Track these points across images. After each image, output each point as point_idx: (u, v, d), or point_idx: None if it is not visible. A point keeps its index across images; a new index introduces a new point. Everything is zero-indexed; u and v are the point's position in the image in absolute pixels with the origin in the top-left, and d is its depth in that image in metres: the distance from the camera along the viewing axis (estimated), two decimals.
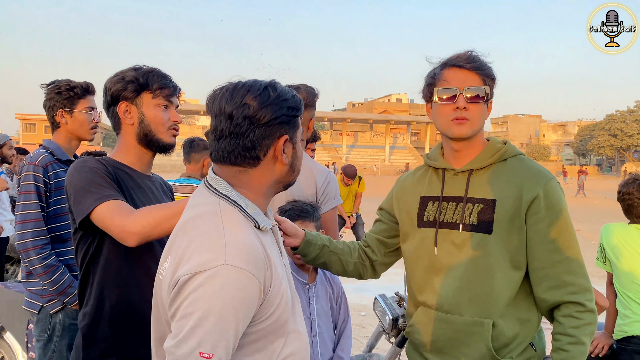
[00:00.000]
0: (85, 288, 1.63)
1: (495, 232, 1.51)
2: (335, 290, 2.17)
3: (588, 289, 1.50)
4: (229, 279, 1.04)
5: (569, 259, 1.50)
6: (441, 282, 1.58)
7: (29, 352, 3.00)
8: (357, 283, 6.95)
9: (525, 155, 1.66)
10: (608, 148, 62.20)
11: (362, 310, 5.68)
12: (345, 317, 2.18)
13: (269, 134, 1.16)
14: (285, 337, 1.21)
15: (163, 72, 1.74)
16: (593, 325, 1.48)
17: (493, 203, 1.52)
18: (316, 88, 2.42)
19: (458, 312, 1.54)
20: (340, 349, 2.10)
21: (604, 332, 2.73)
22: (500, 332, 1.51)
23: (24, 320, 3.00)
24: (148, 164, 1.78)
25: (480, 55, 1.58)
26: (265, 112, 1.15)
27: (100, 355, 1.58)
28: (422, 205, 1.66)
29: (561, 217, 1.51)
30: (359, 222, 7.84)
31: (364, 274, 1.87)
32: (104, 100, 1.72)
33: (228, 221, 1.13)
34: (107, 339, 1.58)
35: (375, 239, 1.86)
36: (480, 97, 1.54)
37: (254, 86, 1.18)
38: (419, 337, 1.66)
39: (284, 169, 1.22)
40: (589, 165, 67.24)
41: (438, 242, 1.60)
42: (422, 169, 1.77)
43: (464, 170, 1.59)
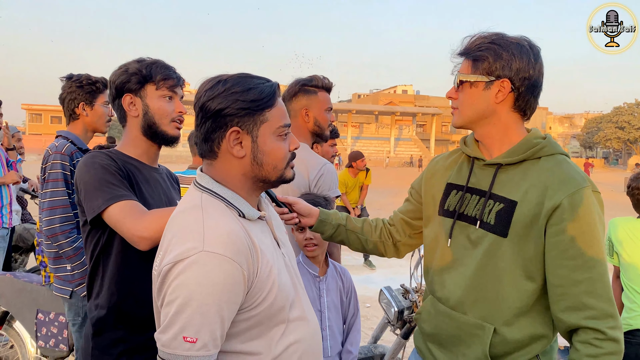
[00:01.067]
0: (95, 280, 1.65)
1: (510, 236, 1.39)
2: (346, 284, 2.18)
3: (611, 315, 1.32)
4: (208, 264, 1.08)
5: (592, 279, 1.32)
6: (450, 277, 1.53)
7: (38, 341, 3.04)
8: (362, 275, 6.97)
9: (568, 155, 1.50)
10: (615, 141, 61.71)
11: (367, 302, 5.69)
12: (355, 311, 2.19)
13: (218, 126, 1.19)
14: (284, 324, 1.23)
15: (166, 63, 1.74)
16: (615, 356, 1.30)
17: (513, 205, 1.39)
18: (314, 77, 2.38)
19: (462, 310, 1.49)
20: (350, 343, 2.12)
21: None
22: (502, 340, 1.42)
23: (33, 309, 3.04)
24: (154, 156, 1.79)
25: (480, 35, 1.45)
26: (212, 103, 1.18)
27: (109, 344, 1.59)
28: (447, 193, 1.59)
29: (588, 231, 1.33)
30: (363, 214, 7.84)
31: (385, 252, 1.84)
32: (109, 93, 1.74)
33: (208, 212, 1.17)
34: (117, 329, 1.60)
35: (400, 218, 1.81)
36: (466, 82, 1.45)
37: (212, 79, 1.22)
38: (425, 326, 1.64)
39: (243, 162, 1.22)
40: (596, 158, 66.79)
41: (453, 234, 1.53)
42: (457, 153, 1.67)
43: (493, 163, 1.47)
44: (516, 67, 1.40)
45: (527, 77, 1.41)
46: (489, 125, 1.48)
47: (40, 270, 4.74)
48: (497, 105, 1.44)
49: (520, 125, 1.50)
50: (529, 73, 1.41)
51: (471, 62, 1.45)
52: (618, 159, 70.57)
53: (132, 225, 1.49)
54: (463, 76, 1.46)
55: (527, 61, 1.41)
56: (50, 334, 3.02)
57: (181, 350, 1.07)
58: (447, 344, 1.55)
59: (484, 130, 1.49)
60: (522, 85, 1.41)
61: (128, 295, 1.60)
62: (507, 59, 1.40)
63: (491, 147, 1.50)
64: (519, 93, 1.43)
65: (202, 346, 1.08)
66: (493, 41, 1.42)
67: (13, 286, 3.09)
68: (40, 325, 3.03)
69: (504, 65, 1.40)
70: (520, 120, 1.49)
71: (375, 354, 2.85)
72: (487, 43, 1.42)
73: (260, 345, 1.20)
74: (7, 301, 3.10)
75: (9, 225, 4.12)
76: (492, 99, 1.43)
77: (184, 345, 1.07)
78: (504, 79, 1.41)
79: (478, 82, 1.44)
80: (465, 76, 1.45)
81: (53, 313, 3.01)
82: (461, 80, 1.46)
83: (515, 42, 1.42)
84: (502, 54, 1.40)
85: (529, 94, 1.43)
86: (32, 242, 4.99)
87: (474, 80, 1.44)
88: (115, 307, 1.60)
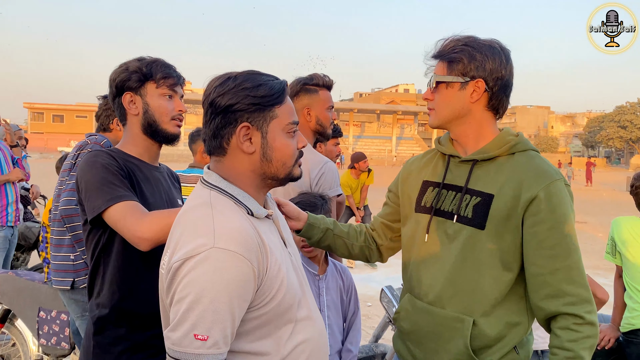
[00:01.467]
0: (96, 279, 1.65)
1: (488, 228, 1.44)
2: (346, 282, 2.17)
3: (587, 300, 1.40)
4: (219, 261, 1.07)
5: (569, 267, 1.40)
6: (428, 272, 1.55)
7: (39, 339, 3.04)
8: (363, 274, 6.97)
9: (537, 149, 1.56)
10: (617, 140, 61.55)
11: (369, 301, 5.69)
12: (355, 309, 2.18)
13: (228, 122, 1.19)
14: (293, 323, 1.22)
15: (167, 62, 1.74)
16: (592, 339, 1.39)
17: (490, 198, 1.45)
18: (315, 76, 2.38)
19: (441, 305, 1.51)
20: (350, 342, 2.11)
21: (611, 325, 2.73)
22: (481, 332, 1.46)
23: (35, 307, 3.05)
24: (155, 155, 1.79)
25: (452, 38, 1.51)
26: (222, 99, 1.18)
27: (111, 342, 1.60)
28: (423, 190, 1.63)
29: (564, 221, 1.41)
30: (366, 212, 7.83)
31: (370, 257, 1.85)
32: (110, 92, 1.72)
33: (218, 209, 1.16)
34: (119, 327, 1.60)
35: (381, 222, 1.83)
36: (442, 83, 1.50)
37: (221, 76, 1.22)
38: (404, 325, 1.64)
39: (253, 158, 1.22)
40: (598, 157, 66.66)
41: (430, 229, 1.56)
42: (431, 152, 1.72)
43: (469, 159, 1.53)
44: (489, 68, 1.46)
45: (500, 77, 1.47)
46: (464, 124, 1.53)
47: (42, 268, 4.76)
48: (472, 105, 1.50)
49: (494, 123, 1.56)
50: (501, 73, 1.47)
51: (446, 64, 1.49)
52: (620, 158, 70.45)
53: (133, 226, 1.49)
54: (439, 77, 1.50)
55: (499, 62, 1.47)
56: (52, 332, 3.03)
57: (192, 349, 1.05)
58: (427, 341, 1.55)
59: (459, 129, 1.54)
60: (496, 85, 1.48)
61: (129, 294, 1.60)
62: (480, 60, 1.46)
63: (466, 145, 1.56)
64: (492, 92, 1.49)
65: (213, 344, 1.06)
66: (466, 43, 1.48)
67: (15, 284, 3.10)
68: (42, 324, 3.03)
69: (478, 66, 1.46)
70: (493, 118, 1.55)
71: (376, 353, 2.85)
72: (461, 45, 1.48)
73: (268, 345, 1.18)
74: (9, 299, 3.11)
75: (14, 224, 4.13)
76: (467, 98, 1.49)
77: (195, 343, 1.05)
78: (479, 79, 1.46)
79: (454, 82, 1.49)
80: (441, 77, 1.50)
81: (55, 311, 3.02)
82: (437, 81, 1.51)
83: (487, 44, 1.48)
84: (476, 56, 1.46)
85: (502, 93, 1.50)
86: (34, 240, 5.00)
87: (450, 81, 1.49)
88: (117, 305, 1.60)
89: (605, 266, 7.88)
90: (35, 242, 5.00)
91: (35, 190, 5.16)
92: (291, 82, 2.42)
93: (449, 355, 1.49)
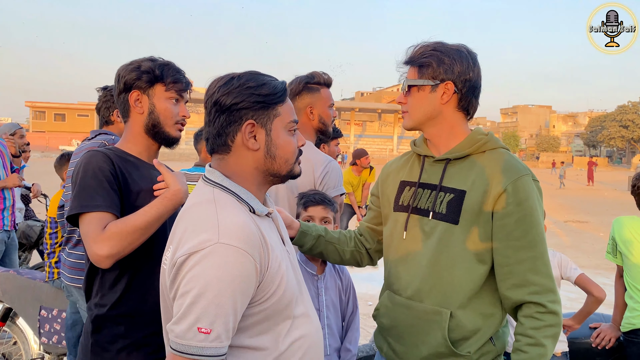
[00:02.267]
0: (95, 278, 1.65)
1: (461, 223, 1.51)
2: (344, 282, 2.17)
3: (551, 290, 1.47)
4: (224, 256, 1.09)
5: (534, 257, 1.47)
6: (407, 268, 1.60)
7: (41, 338, 3.05)
8: (364, 272, 6.97)
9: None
10: (619, 139, 61.52)
11: (370, 300, 5.70)
12: (354, 309, 2.18)
13: (233, 120, 1.22)
14: (291, 319, 1.25)
15: (178, 66, 1.76)
16: (555, 328, 1.45)
17: (462, 194, 1.52)
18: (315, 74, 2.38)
19: (420, 299, 1.56)
20: (348, 341, 2.11)
21: (612, 325, 2.73)
22: (458, 324, 1.51)
23: (36, 306, 3.05)
24: (154, 154, 1.79)
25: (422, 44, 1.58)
26: (227, 98, 1.21)
27: (109, 340, 1.61)
28: (400, 190, 1.69)
29: (530, 214, 1.48)
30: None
31: (361, 261, 1.89)
32: (116, 86, 1.73)
33: (221, 206, 1.18)
34: (116, 326, 1.61)
35: (366, 227, 1.87)
36: (414, 86, 1.57)
37: (224, 76, 1.25)
38: (383, 321, 1.68)
39: (257, 155, 1.25)
40: (599, 157, 66.58)
41: (408, 227, 1.61)
42: (408, 154, 1.79)
43: (442, 158, 1.60)
44: (458, 71, 1.53)
45: (468, 79, 1.55)
46: (436, 125, 1.60)
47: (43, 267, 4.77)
48: (443, 106, 1.57)
49: (465, 124, 1.62)
50: (469, 75, 1.54)
51: (417, 69, 1.57)
52: (622, 157, 70.41)
53: (92, 244, 1.49)
54: (410, 81, 1.57)
55: (467, 65, 1.54)
56: (53, 331, 3.03)
57: (195, 342, 1.07)
58: (406, 335, 1.60)
59: (432, 130, 1.61)
60: (464, 87, 1.55)
61: (127, 293, 1.61)
62: (449, 63, 1.53)
63: (439, 145, 1.62)
64: (461, 94, 1.56)
65: (216, 337, 1.08)
66: (435, 48, 1.55)
67: (16, 283, 3.11)
68: (43, 322, 3.04)
69: (447, 69, 1.53)
70: (464, 119, 1.61)
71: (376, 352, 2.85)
72: (430, 50, 1.55)
73: (267, 340, 1.21)
74: (10, 298, 3.12)
75: (10, 228, 4.09)
76: (438, 100, 1.56)
77: (198, 336, 1.07)
78: (448, 81, 1.54)
79: (424, 86, 1.55)
80: (412, 81, 1.57)
81: (56, 310, 3.03)
82: (409, 85, 1.57)
83: (454, 49, 1.55)
84: (444, 59, 1.53)
85: (470, 94, 1.57)
86: (35, 239, 5.00)
87: (421, 85, 1.56)
88: (115, 304, 1.61)
89: (606, 265, 7.87)
90: (36, 240, 5.01)
91: (36, 188, 5.15)
92: (291, 81, 2.42)
93: (429, 348, 1.54)
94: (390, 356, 1.66)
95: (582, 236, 10.86)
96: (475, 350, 1.52)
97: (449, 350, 1.51)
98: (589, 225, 12.66)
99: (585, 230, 11.70)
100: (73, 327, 2.74)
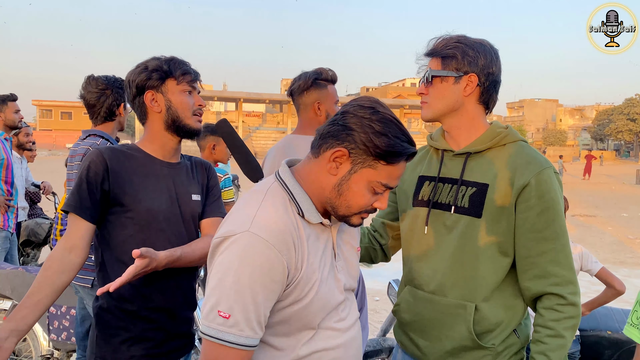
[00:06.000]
0: (98, 272, 1.70)
1: (484, 216, 1.51)
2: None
3: (572, 282, 1.49)
4: (249, 245, 1.11)
5: (556, 249, 1.48)
6: (429, 263, 1.60)
7: (50, 334, 3.08)
8: (370, 268, 6.96)
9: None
10: (627, 133, 61.02)
11: (376, 295, 5.70)
12: (362, 305, 2.17)
13: (339, 138, 1.19)
14: (314, 330, 1.24)
15: (182, 59, 1.77)
16: (575, 319, 1.47)
17: (485, 187, 1.52)
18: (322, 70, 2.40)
19: (443, 293, 1.56)
20: None
21: None
22: (483, 317, 1.52)
23: None
24: (172, 150, 1.79)
25: (445, 37, 1.58)
26: (351, 119, 1.20)
27: (111, 334, 1.66)
28: (419, 185, 1.68)
29: (552, 206, 1.48)
30: None
31: (375, 258, 1.88)
32: (129, 92, 1.75)
33: (268, 199, 1.21)
34: (118, 320, 1.66)
35: (381, 222, 1.86)
36: (437, 77, 1.56)
37: (367, 102, 1.23)
38: (405, 316, 1.68)
39: (330, 180, 1.21)
40: (607, 150, 66.10)
41: (429, 222, 1.61)
42: (424, 149, 1.78)
43: (462, 152, 1.60)
44: (481, 64, 1.53)
45: (491, 73, 1.55)
46: (457, 117, 1.60)
47: None
48: (465, 99, 1.57)
49: (484, 117, 1.63)
50: (492, 69, 1.55)
51: (440, 60, 1.56)
52: (630, 151, 69.81)
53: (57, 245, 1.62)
54: (434, 72, 1.57)
55: (490, 59, 1.55)
56: (62, 327, 3.06)
57: (215, 324, 1.10)
58: (429, 329, 1.60)
59: (452, 121, 1.61)
60: (487, 80, 1.55)
61: (128, 286, 1.63)
62: (473, 56, 1.53)
63: (458, 138, 1.62)
64: (483, 87, 1.56)
65: (234, 323, 1.09)
66: (459, 41, 1.55)
67: (25, 280, 3.13)
68: (52, 319, 3.07)
69: (471, 61, 1.53)
70: (483, 113, 1.62)
71: (384, 347, 2.85)
72: (454, 42, 1.55)
73: (285, 342, 1.22)
74: (19, 295, 3.14)
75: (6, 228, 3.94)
76: (460, 92, 1.55)
77: (217, 319, 1.10)
78: (471, 73, 1.54)
79: (448, 77, 1.55)
80: (436, 72, 1.57)
81: (65, 307, 3.05)
82: (432, 75, 1.57)
83: (478, 42, 1.56)
84: (468, 52, 1.53)
85: (492, 88, 1.58)
86: (43, 237, 5.04)
87: (444, 75, 1.55)
88: (116, 297, 1.65)
89: (613, 259, 7.84)
90: (45, 238, 5.04)
91: (47, 185, 5.18)
92: (299, 76, 2.43)
93: (453, 341, 1.54)
94: (412, 351, 1.66)
95: (590, 231, 10.81)
96: (500, 343, 1.53)
97: (475, 343, 1.51)
98: (596, 219, 12.60)
99: (593, 225, 11.64)
100: (82, 322, 2.76)
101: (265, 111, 67.61)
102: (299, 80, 2.43)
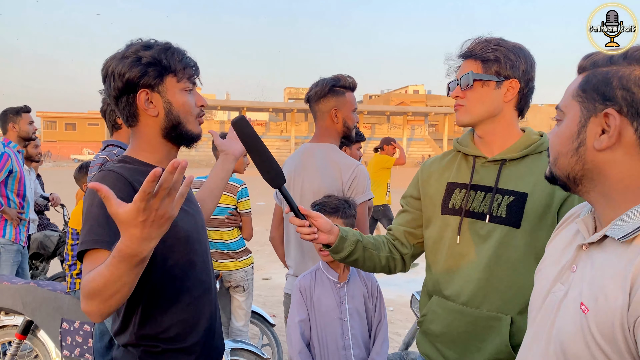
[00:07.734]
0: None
1: (523, 226, 1.46)
2: (371, 289, 2.09)
3: None
4: None
5: None
6: (461, 273, 1.54)
7: (63, 351, 3.01)
8: (383, 277, 6.88)
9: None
10: None
11: (390, 305, 5.61)
12: (381, 318, 2.08)
13: None
14: None
15: (179, 47, 1.45)
16: None
17: (524, 197, 1.47)
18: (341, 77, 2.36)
19: (475, 305, 1.51)
20: (376, 352, 2.02)
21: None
22: (519, 329, 1.46)
23: (58, 318, 3.01)
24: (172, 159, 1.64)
25: (482, 39, 1.53)
26: None
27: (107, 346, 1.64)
28: (449, 192, 1.62)
29: None
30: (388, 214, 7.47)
31: (394, 268, 1.80)
32: (113, 86, 1.38)
33: None
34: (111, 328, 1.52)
35: (403, 231, 1.77)
36: (478, 81, 1.52)
37: None
38: (432, 327, 1.62)
39: None
40: None
41: (462, 231, 1.55)
42: (450, 154, 1.71)
43: (497, 159, 1.55)
44: (522, 69, 1.51)
45: (530, 79, 1.53)
46: (494, 123, 1.55)
47: (63, 278, 4.74)
48: (505, 104, 1.53)
49: (517, 123, 1.60)
50: (531, 75, 1.53)
51: (480, 63, 1.52)
52: None
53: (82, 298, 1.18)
54: (477, 75, 1.52)
55: (530, 64, 1.52)
56: (75, 343, 2.99)
57: None
58: (459, 341, 1.55)
59: (488, 127, 1.56)
60: (527, 86, 1.53)
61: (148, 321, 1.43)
62: (514, 60, 1.50)
63: (492, 144, 1.57)
64: (522, 93, 1.53)
65: None
66: (499, 44, 1.51)
67: (37, 295, 3.07)
68: (65, 335, 3.00)
69: (513, 66, 1.50)
70: (517, 119, 1.59)
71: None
72: (494, 45, 1.51)
73: None
74: (31, 310, 3.08)
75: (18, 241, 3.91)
76: (501, 97, 1.52)
77: None
78: (513, 79, 1.50)
79: (490, 81, 1.51)
80: (479, 75, 1.52)
81: (78, 322, 2.99)
82: (474, 79, 1.53)
83: (518, 47, 1.53)
84: (510, 56, 1.50)
85: (530, 95, 1.56)
86: (53, 249, 4.99)
87: (487, 80, 1.51)
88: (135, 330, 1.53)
89: None
90: (54, 250, 4.99)
91: (55, 197, 5.16)
92: (316, 83, 2.38)
93: (485, 354, 1.49)
94: None
95: None
96: None
97: (510, 356, 1.45)
98: None
99: None
100: (102, 337, 2.71)
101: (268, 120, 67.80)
102: (316, 87, 2.38)
